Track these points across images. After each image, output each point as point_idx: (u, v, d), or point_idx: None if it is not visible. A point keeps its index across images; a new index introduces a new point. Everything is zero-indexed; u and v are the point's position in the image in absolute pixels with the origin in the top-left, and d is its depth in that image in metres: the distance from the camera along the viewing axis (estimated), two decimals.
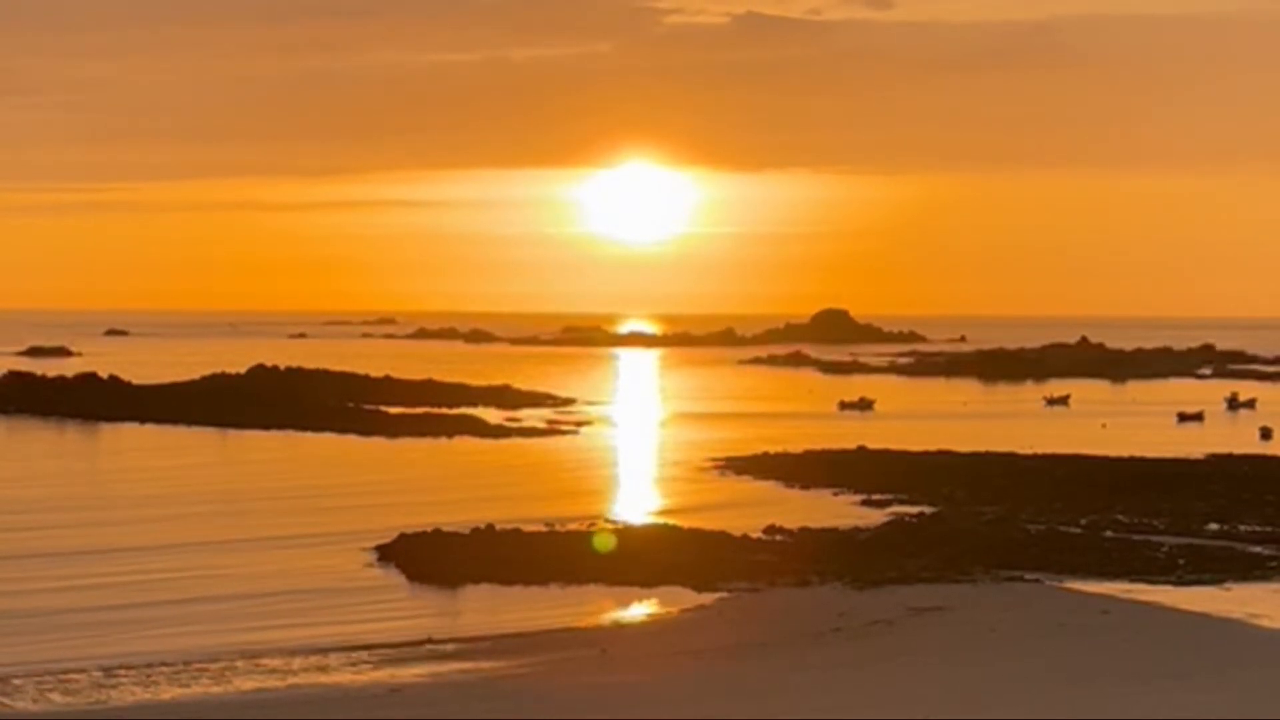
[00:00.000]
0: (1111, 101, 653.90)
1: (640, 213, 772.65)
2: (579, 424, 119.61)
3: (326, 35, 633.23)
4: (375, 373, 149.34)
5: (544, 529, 60.83)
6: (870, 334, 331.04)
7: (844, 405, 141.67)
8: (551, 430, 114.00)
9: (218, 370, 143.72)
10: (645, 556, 54.56)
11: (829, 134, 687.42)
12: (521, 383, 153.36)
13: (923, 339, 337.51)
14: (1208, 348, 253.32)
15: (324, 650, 41.77)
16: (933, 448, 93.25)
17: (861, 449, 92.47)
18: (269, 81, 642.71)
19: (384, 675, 39.10)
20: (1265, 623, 44.86)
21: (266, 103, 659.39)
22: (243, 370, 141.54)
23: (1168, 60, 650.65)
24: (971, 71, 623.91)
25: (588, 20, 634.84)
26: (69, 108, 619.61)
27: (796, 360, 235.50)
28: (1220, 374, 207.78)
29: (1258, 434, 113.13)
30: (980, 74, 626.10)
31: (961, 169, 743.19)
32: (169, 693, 37.19)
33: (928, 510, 67.95)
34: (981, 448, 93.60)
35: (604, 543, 56.96)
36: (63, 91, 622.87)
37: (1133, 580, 51.80)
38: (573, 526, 62.04)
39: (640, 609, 48.75)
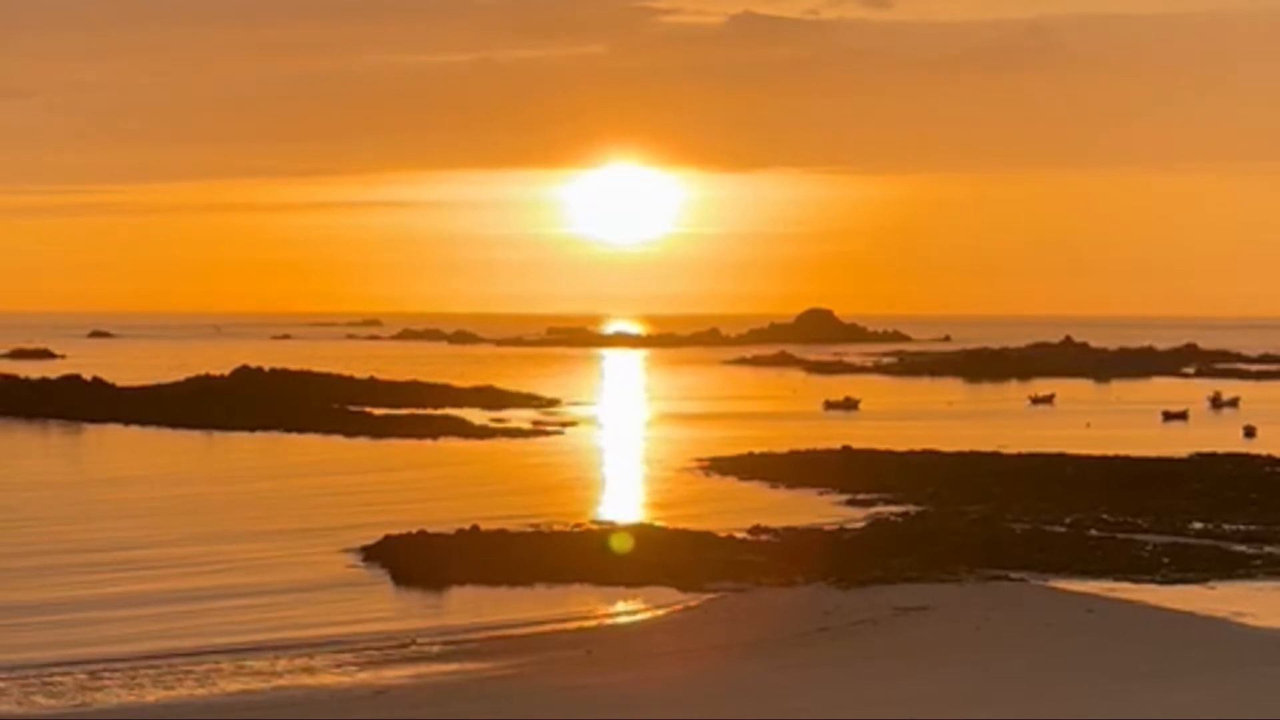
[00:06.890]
0: (1099, 101, 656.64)
1: (625, 213, 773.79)
2: (564, 425, 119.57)
3: (314, 37, 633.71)
4: (360, 374, 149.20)
5: (529, 530, 60.77)
6: (855, 334, 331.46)
7: (829, 405, 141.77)
8: (536, 431, 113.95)
9: (202, 372, 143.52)
10: (631, 557, 54.58)
11: (816, 134, 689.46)
12: (506, 384, 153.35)
13: (907, 339, 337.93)
14: (1191, 347, 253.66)
15: (309, 652, 41.71)
16: (917, 447, 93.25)
17: (846, 449, 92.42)
18: (254, 83, 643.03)
19: (369, 676, 39.05)
20: (1249, 621, 44.93)
21: (252, 104, 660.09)
22: (227, 372, 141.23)
23: (1156, 60, 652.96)
24: (963, 71, 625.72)
25: (584, 21, 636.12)
26: (53, 110, 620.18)
27: (781, 360, 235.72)
28: (1204, 373, 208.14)
29: (1242, 432, 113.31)
30: (971, 74, 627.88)
31: (947, 169, 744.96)
32: (153, 695, 37.11)
33: (913, 510, 68.00)
34: (966, 447, 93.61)
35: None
36: (48, 94, 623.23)
37: (1117, 579, 51.89)
38: (558, 527, 62.01)
39: (626, 609, 48.73)
